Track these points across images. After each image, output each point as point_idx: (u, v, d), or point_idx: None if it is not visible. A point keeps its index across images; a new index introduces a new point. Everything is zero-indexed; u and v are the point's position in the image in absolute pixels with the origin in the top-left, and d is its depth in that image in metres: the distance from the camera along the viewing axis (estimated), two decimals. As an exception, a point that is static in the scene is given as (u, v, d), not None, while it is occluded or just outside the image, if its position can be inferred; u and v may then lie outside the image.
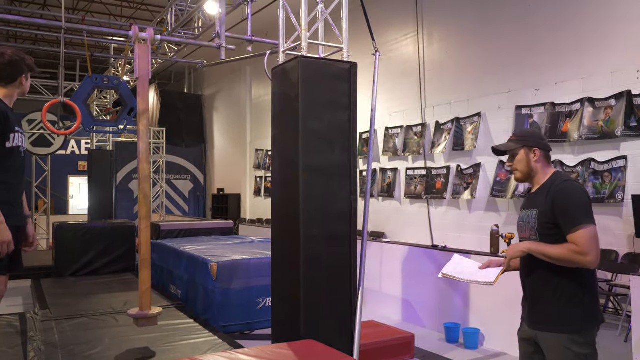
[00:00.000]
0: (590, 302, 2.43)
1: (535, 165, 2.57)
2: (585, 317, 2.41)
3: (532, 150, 2.56)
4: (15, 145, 3.21)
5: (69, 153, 17.05)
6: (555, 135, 7.04)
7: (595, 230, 2.36)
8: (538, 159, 2.56)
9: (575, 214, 2.38)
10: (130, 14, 13.97)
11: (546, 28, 7.37)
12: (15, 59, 3.28)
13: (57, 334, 4.76)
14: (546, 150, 2.59)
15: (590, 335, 2.41)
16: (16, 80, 3.29)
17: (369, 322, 5.11)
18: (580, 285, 2.42)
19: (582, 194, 2.45)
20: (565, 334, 2.38)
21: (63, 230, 8.24)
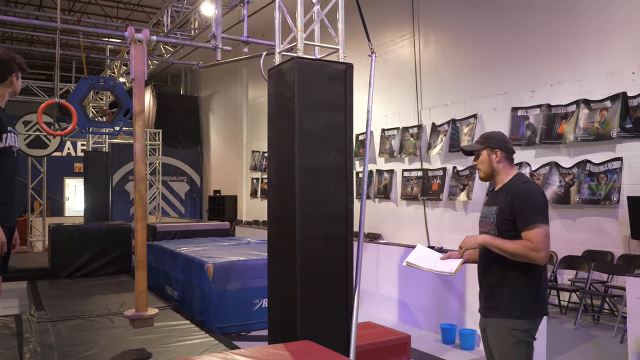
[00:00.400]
0: (537, 295, 2.60)
1: (496, 165, 2.74)
2: (529, 307, 2.59)
3: (494, 152, 2.74)
4: (7, 145, 3.19)
5: (64, 155, 17.01)
6: (551, 136, 7.07)
7: (547, 230, 2.53)
8: (499, 159, 2.74)
9: (531, 213, 2.54)
10: (126, 16, 13.96)
11: (542, 30, 7.40)
12: (4, 57, 3.26)
13: (52, 336, 4.74)
14: (508, 152, 2.76)
15: (530, 325, 2.59)
16: (6, 79, 3.26)
17: (365, 323, 5.11)
18: (530, 279, 2.59)
19: (539, 196, 2.61)
20: (508, 319, 2.59)
21: (59, 232, 8.21)
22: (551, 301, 6.76)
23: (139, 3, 13.18)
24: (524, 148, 7.45)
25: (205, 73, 17.77)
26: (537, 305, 2.61)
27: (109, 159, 12.01)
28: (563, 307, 6.75)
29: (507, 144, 2.78)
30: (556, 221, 7.04)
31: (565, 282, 6.83)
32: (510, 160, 2.77)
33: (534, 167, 7.27)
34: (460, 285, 5.49)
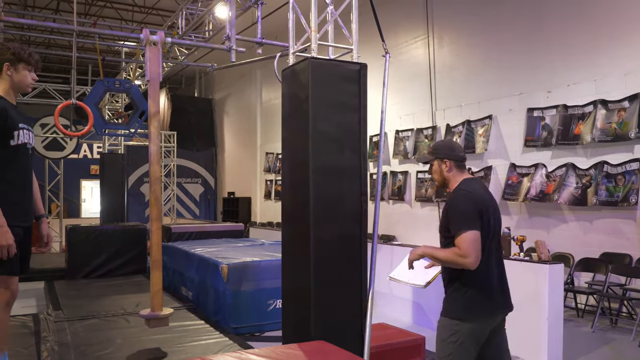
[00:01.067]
0: (474, 297, 2.68)
1: (447, 174, 2.85)
2: (466, 308, 2.68)
3: (443, 162, 2.85)
4: (20, 142, 3.13)
5: (81, 157, 17.20)
6: (567, 137, 7.00)
7: (474, 235, 2.58)
8: (449, 168, 2.84)
9: (457, 220, 2.65)
10: (141, 19, 14.09)
11: (558, 29, 7.33)
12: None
13: (69, 335, 4.79)
14: (457, 160, 2.85)
15: (467, 325, 2.65)
16: (1, 70, 3.16)
17: (379, 324, 5.09)
18: (470, 280, 2.68)
19: (466, 203, 2.68)
20: (448, 318, 2.72)
21: (75, 233, 8.30)
22: (568, 304, 6.68)
23: (154, 6, 13.30)
24: (540, 149, 7.38)
25: (219, 75, 17.86)
26: (472, 307, 2.68)
27: (125, 161, 12.11)
28: (580, 310, 6.66)
29: (455, 152, 2.87)
30: (573, 223, 6.97)
31: (582, 285, 6.75)
32: (460, 167, 2.86)
33: (550, 168, 7.19)
34: (475, 287, 5.45)
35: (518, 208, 7.69)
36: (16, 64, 3.18)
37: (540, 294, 4.83)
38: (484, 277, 2.68)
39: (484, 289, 2.68)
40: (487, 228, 2.68)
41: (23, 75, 3.23)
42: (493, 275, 2.72)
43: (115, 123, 10.38)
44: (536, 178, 7.33)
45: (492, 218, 2.73)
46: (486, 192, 2.85)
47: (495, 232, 2.76)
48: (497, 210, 2.83)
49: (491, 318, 2.73)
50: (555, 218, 7.20)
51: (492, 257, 2.73)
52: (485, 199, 2.74)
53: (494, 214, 2.78)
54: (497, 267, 2.76)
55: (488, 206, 2.72)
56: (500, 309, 2.77)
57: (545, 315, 4.76)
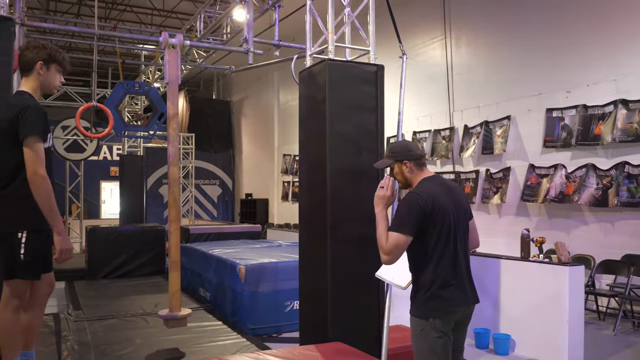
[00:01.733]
0: (431, 294, 2.69)
1: (409, 175, 2.84)
2: (429, 308, 2.69)
3: (403, 163, 2.83)
4: (50, 145, 3.20)
5: (101, 159, 17.41)
6: (587, 138, 6.90)
7: (400, 239, 2.62)
8: (410, 169, 2.83)
9: (393, 221, 2.71)
10: (160, 22, 14.24)
11: (577, 28, 7.24)
12: (36, 44, 3.20)
13: (89, 334, 4.86)
14: (416, 159, 2.84)
15: (433, 321, 2.66)
16: (33, 67, 3.15)
17: (396, 326, 5.07)
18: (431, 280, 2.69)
19: (410, 206, 2.68)
20: (414, 317, 2.74)
21: (95, 233, 8.41)
22: (589, 307, 6.58)
23: (173, 10, 13.43)
24: (560, 150, 7.29)
25: (237, 78, 17.96)
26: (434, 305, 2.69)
27: (144, 163, 12.24)
28: (601, 313, 6.56)
29: (412, 151, 2.86)
30: (593, 225, 6.87)
31: (604, 287, 6.65)
32: (420, 165, 2.85)
33: (569, 169, 7.10)
34: (494, 289, 5.40)
35: (537, 209, 7.61)
36: (49, 64, 3.21)
37: (560, 296, 4.77)
38: (439, 275, 2.69)
39: (445, 288, 2.69)
40: (439, 225, 2.67)
41: (53, 76, 3.25)
42: (448, 272, 2.71)
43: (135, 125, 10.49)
44: (556, 179, 7.24)
45: (451, 214, 2.72)
46: (442, 189, 2.78)
47: (456, 227, 2.74)
48: (461, 204, 2.82)
49: (453, 314, 2.74)
50: (575, 219, 7.10)
51: (449, 255, 2.70)
52: (435, 196, 2.69)
53: (456, 208, 2.76)
54: (457, 263, 2.74)
55: (440, 203, 2.69)
56: (464, 305, 2.77)
57: (565, 317, 4.70)
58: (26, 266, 3.03)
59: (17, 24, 5.37)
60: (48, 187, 2.98)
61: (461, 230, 2.79)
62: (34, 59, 3.15)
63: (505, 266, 5.34)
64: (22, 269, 3.03)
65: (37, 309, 3.24)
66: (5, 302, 3.07)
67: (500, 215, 8.17)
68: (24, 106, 3.00)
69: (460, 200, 2.85)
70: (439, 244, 2.68)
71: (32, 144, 2.96)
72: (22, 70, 3.19)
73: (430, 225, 2.66)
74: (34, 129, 2.97)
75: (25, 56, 3.16)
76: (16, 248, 3.01)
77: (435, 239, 2.67)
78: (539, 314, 4.96)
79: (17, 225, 3.03)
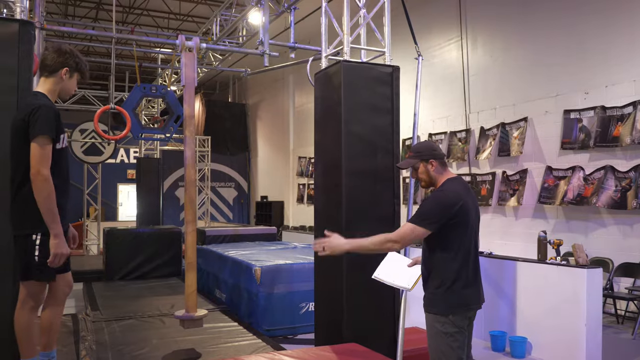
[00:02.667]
0: (453, 291, 2.76)
1: (434, 174, 2.91)
2: (447, 304, 2.76)
3: (429, 162, 2.89)
4: (64, 146, 3.21)
5: (118, 162, 17.61)
6: (606, 140, 6.82)
7: (418, 232, 2.73)
8: (435, 168, 2.90)
9: (416, 214, 2.79)
10: (176, 26, 14.37)
11: (595, 28, 7.15)
12: (65, 49, 3.22)
13: (107, 335, 4.91)
14: (441, 158, 2.93)
15: (452, 318, 2.74)
16: (57, 71, 3.18)
17: (411, 328, 5.05)
18: (448, 277, 2.77)
19: (435, 204, 2.79)
20: (432, 314, 2.80)
21: (113, 235, 8.50)
22: (607, 310, 6.49)
23: (189, 13, 13.55)
24: (577, 152, 7.21)
25: (252, 81, 18.05)
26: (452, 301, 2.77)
27: (160, 165, 12.34)
28: (620, 317, 6.47)
29: (436, 151, 2.94)
30: (612, 227, 6.77)
31: (622, 291, 6.55)
32: (444, 164, 2.94)
33: (587, 171, 7.02)
34: (510, 291, 5.36)
35: (555, 212, 7.53)
36: (73, 72, 3.25)
37: (578, 299, 4.71)
38: (461, 273, 2.77)
39: (462, 285, 2.77)
40: (464, 225, 2.76)
41: (72, 84, 3.29)
42: (469, 271, 2.80)
43: (152, 128, 10.60)
44: (573, 181, 7.16)
45: (470, 215, 2.80)
46: (465, 190, 2.87)
47: (473, 229, 2.84)
48: (476, 209, 2.91)
49: (469, 311, 2.83)
50: (593, 222, 7.01)
51: (470, 254, 2.80)
52: (462, 197, 2.78)
53: (474, 210, 2.86)
54: (474, 263, 2.83)
55: (466, 204, 2.77)
56: (476, 304, 2.86)
57: (583, 320, 4.65)
58: (41, 268, 3.04)
59: (37, 27, 5.47)
60: (49, 188, 2.97)
61: (476, 231, 2.89)
62: (61, 64, 3.18)
63: (522, 268, 5.29)
64: (36, 270, 3.05)
65: (56, 309, 3.25)
66: (22, 303, 3.12)
67: (517, 218, 8.10)
68: (35, 106, 3.01)
69: (475, 202, 2.96)
70: (464, 243, 2.77)
71: (39, 143, 2.97)
72: (45, 71, 3.19)
73: (455, 224, 2.73)
74: (42, 129, 2.97)
75: (52, 58, 3.17)
76: (31, 249, 3.03)
77: (460, 237, 2.76)
78: (556, 316, 4.90)
79: (31, 226, 3.04)
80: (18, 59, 3.38)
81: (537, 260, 5.28)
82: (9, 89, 3.34)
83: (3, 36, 3.37)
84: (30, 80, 3.47)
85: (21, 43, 3.40)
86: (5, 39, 3.37)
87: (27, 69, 3.46)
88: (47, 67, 3.18)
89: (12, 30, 3.39)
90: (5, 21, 3.54)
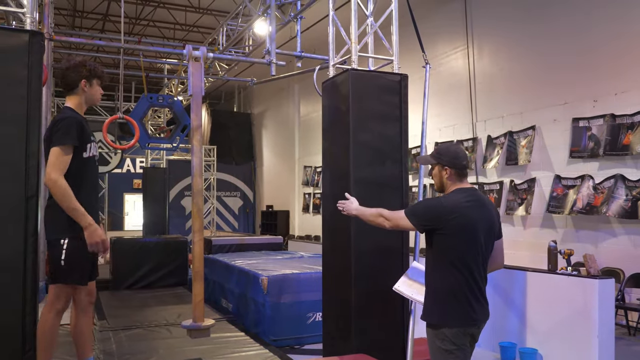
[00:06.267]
0: (445, 304, 2.69)
1: (446, 181, 2.85)
2: (445, 317, 2.68)
3: (444, 169, 2.83)
4: (91, 155, 3.35)
5: (124, 171, 17.64)
6: (615, 148, 6.77)
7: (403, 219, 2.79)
8: (449, 176, 2.83)
9: (411, 206, 2.94)
10: (182, 37, 14.45)
11: (604, 35, 7.12)
12: (75, 62, 3.40)
13: (114, 344, 4.89)
14: (458, 169, 2.82)
15: (450, 333, 2.64)
16: (77, 85, 3.38)
17: (421, 339, 4.98)
18: (440, 288, 2.72)
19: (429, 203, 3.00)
20: (430, 329, 2.73)
21: (119, 245, 8.50)
22: (618, 321, 6.41)
23: (195, 24, 13.62)
24: (587, 160, 7.16)
25: (257, 90, 18.10)
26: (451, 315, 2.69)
27: (166, 175, 12.36)
28: (632, 328, 6.38)
29: (458, 160, 2.83)
30: (623, 237, 6.71)
31: (634, 302, 6.47)
32: (460, 175, 2.83)
33: (597, 180, 6.96)
34: (520, 302, 5.29)
35: (564, 221, 7.46)
36: (91, 80, 3.44)
37: (589, 310, 4.65)
38: (457, 288, 2.68)
39: (457, 299, 2.68)
40: (461, 238, 2.67)
41: (96, 91, 3.48)
42: (470, 287, 2.69)
43: (158, 137, 10.63)
44: (583, 190, 7.10)
45: (474, 228, 2.69)
46: (472, 204, 2.74)
47: (477, 242, 2.70)
48: (491, 221, 2.79)
49: (470, 327, 2.71)
50: (603, 232, 6.95)
51: (472, 270, 2.68)
52: (460, 210, 2.69)
53: (484, 224, 2.73)
54: (476, 280, 2.71)
55: (465, 217, 2.68)
56: (473, 321, 2.72)
57: (595, 332, 4.58)
58: (67, 271, 3.21)
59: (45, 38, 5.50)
60: (61, 189, 3.11)
61: (484, 246, 2.74)
62: (78, 78, 3.37)
63: (532, 279, 5.23)
64: (63, 273, 3.22)
65: (82, 318, 3.41)
66: (49, 305, 3.26)
67: (525, 227, 8.04)
68: (57, 119, 3.24)
69: (491, 218, 2.82)
70: (463, 258, 2.67)
71: (53, 152, 3.15)
72: (67, 89, 3.40)
73: (449, 235, 2.66)
74: (60, 140, 3.15)
75: (68, 76, 3.36)
76: (58, 254, 3.21)
77: (456, 251, 2.67)
78: (567, 328, 4.84)
79: (59, 232, 3.23)
80: (28, 69, 3.40)
81: (547, 271, 5.22)
82: (19, 98, 3.37)
83: (13, 47, 3.39)
84: (39, 90, 3.48)
85: (31, 53, 3.42)
86: (16, 50, 3.39)
87: (37, 79, 3.47)
88: (68, 85, 3.39)
89: (22, 40, 3.41)
90: (15, 32, 3.56)
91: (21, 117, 3.36)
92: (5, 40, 3.38)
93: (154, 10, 12.79)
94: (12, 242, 3.26)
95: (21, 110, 3.37)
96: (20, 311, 3.27)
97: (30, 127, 3.34)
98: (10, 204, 3.27)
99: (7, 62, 3.36)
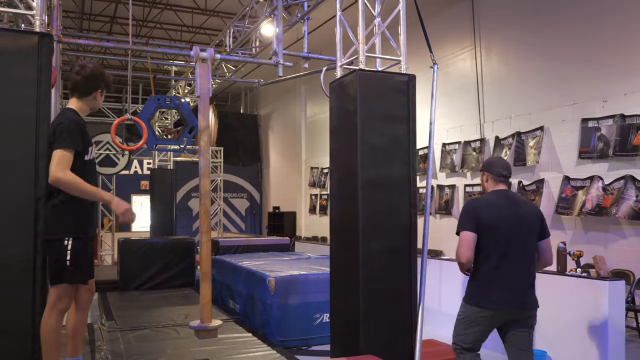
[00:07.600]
0: (475, 288, 3.32)
1: (485, 185, 3.51)
2: (473, 296, 3.32)
3: (483, 174, 3.50)
4: (92, 157, 3.39)
5: (132, 173, 17.70)
6: (625, 149, 6.72)
7: (464, 235, 3.24)
8: (487, 180, 3.48)
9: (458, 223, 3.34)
10: (189, 38, 14.49)
11: (613, 35, 7.08)
12: (95, 72, 3.44)
13: (122, 344, 4.90)
14: (493, 174, 3.43)
15: (470, 308, 3.31)
16: (91, 94, 3.44)
17: (428, 340, 4.98)
18: (474, 273, 3.33)
19: (464, 207, 3.42)
20: (462, 301, 3.41)
21: (127, 246, 8.52)
22: (629, 324, 6.35)
23: (201, 26, 13.66)
24: (596, 161, 7.11)
25: (264, 92, 18.13)
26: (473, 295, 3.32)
27: (174, 177, 12.39)
28: (642, 330, 6.33)
29: (493, 167, 3.45)
30: (633, 238, 6.66)
31: (644, 303, 6.42)
32: (497, 180, 3.42)
33: (607, 181, 6.91)
34: (529, 304, 5.26)
35: (573, 222, 7.42)
36: (104, 91, 3.52)
37: (599, 312, 4.61)
38: (487, 274, 3.24)
39: (483, 283, 3.26)
40: (491, 231, 3.21)
41: (101, 99, 3.56)
42: (500, 273, 3.22)
43: (166, 139, 10.65)
44: (592, 191, 7.06)
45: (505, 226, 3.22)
46: (501, 202, 3.31)
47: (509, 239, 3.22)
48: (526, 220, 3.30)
49: (499, 311, 3.24)
50: (613, 233, 6.90)
51: (505, 260, 3.21)
52: (492, 207, 3.28)
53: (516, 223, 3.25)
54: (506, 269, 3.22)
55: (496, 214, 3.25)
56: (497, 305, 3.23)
57: (605, 334, 4.55)
58: (73, 271, 3.22)
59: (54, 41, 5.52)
60: (70, 180, 3.14)
61: (517, 243, 3.24)
62: (95, 88, 3.44)
63: (542, 280, 5.17)
64: (68, 273, 3.21)
65: (80, 314, 3.41)
66: (52, 306, 3.24)
67: (534, 228, 7.98)
68: (59, 122, 3.25)
69: (526, 216, 3.32)
70: (495, 249, 3.21)
71: (57, 154, 3.16)
72: (77, 93, 3.42)
73: (483, 227, 3.21)
74: (64, 143, 3.17)
75: (85, 85, 3.40)
76: (63, 254, 3.20)
77: (488, 242, 3.22)
78: (577, 330, 4.80)
79: (63, 232, 3.23)
80: (37, 70, 3.43)
81: (556, 272, 5.19)
82: (28, 99, 3.40)
83: (23, 48, 3.42)
84: (48, 92, 3.51)
85: (41, 55, 3.45)
86: (25, 51, 3.42)
87: (46, 81, 3.50)
88: (82, 92, 3.41)
89: (31, 42, 3.44)
90: (24, 34, 3.58)
91: (31, 118, 3.39)
92: (14, 42, 3.40)
93: (161, 12, 12.84)
94: (22, 243, 3.29)
95: (30, 111, 3.41)
96: (30, 311, 3.30)
97: (39, 129, 3.37)
98: (20, 205, 3.30)
99: (17, 64, 3.39)
